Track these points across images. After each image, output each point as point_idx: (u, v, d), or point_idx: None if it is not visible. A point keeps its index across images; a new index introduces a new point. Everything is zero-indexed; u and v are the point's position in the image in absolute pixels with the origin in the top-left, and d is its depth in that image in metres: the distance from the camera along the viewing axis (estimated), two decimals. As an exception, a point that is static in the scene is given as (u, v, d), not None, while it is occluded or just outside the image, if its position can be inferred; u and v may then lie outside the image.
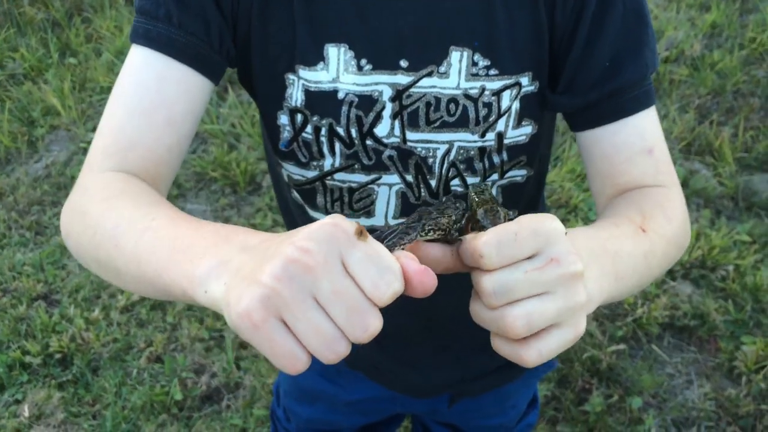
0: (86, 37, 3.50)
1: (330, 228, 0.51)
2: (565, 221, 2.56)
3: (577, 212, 2.59)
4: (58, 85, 3.19)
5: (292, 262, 0.50)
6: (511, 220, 0.58)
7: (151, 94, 0.79)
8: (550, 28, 0.82)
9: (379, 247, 0.52)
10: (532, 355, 0.56)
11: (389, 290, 0.51)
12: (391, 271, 0.51)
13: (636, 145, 0.84)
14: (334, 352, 0.52)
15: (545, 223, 0.56)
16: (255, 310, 0.49)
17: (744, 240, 2.44)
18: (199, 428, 2.03)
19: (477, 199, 0.65)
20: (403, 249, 0.56)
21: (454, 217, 0.60)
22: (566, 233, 0.57)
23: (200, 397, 2.11)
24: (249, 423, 2.03)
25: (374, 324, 0.51)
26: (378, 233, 0.57)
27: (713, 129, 2.87)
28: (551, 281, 0.55)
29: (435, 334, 1.08)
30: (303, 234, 0.51)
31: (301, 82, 0.83)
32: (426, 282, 0.53)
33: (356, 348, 1.14)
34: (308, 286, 0.50)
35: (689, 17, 3.46)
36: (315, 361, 1.35)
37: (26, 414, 2.07)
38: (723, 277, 2.34)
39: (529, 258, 0.55)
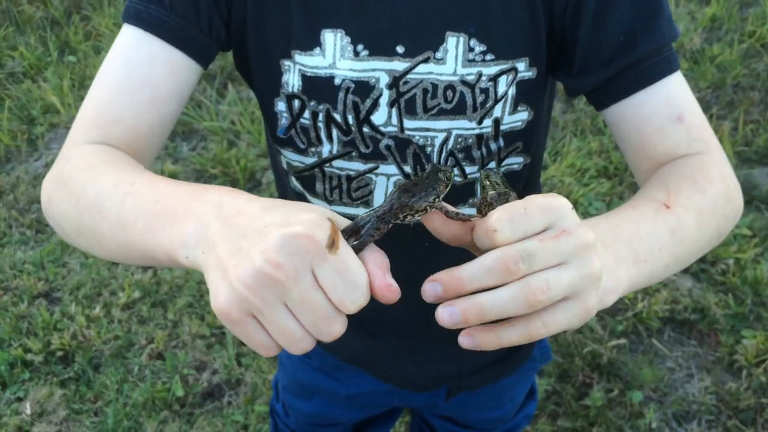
0: (85, 34, 3.50)
1: (303, 241, 0.52)
2: (565, 216, 2.56)
3: (577, 207, 2.59)
4: (58, 83, 3.19)
5: (263, 274, 0.52)
6: (516, 199, 0.60)
7: (140, 73, 0.81)
8: (548, 11, 0.82)
9: (349, 259, 0.54)
10: (537, 326, 0.56)
11: (354, 305, 0.54)
12: (357, 287, 0.54)
13: (663, 112, 0.82)
14: (300, 348, 0.56)
15: (552, 199, 0.57)
16: (230, 310, 0.54)
17: (744, 234, 2.44)
18: (201, 425, 2.04)
19: (488, 183, 0.66)
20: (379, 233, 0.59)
21: (432, 198, 0.60)
22: (572, 209, 0.58)
23: (201, 393, 2.12)
24: (250, 419, 2.04)
25: (338, 329, 0.55)
26: (354, 224, 0.58)
27: (713, 123, 2.87)
28: (566, 251, 0.55)
29: (432, 327, 1.08)
30: (274, 243, 0.52)
31: (297, 67, 0.84)
32: (388, 297, 0.56)
33: (352, 342, 1.14)
34: (278, 295, 0.53)
35: (689, 11, 3.46)
36: (313, 357, 1.34)
37: (28, 411, 2.07)
38: (723, 270, 2.34)
39: (540, 232, 0.56)
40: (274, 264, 0.52)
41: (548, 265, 0.55)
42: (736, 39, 3.24)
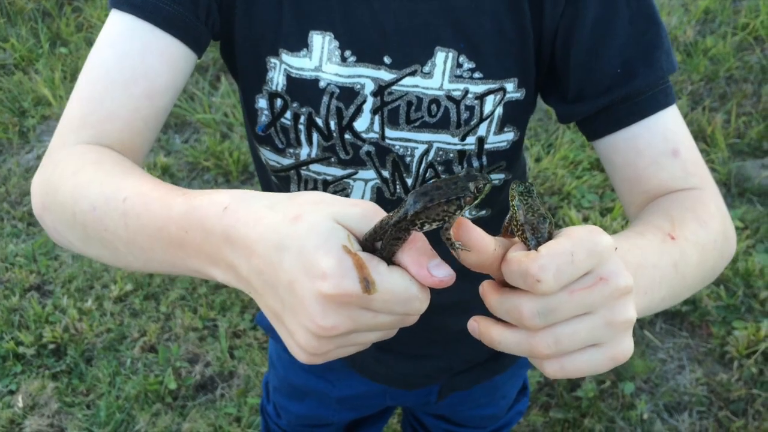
0: (77, 26, 3.48)
1: (341, 300, 0.50)
2: (557, 208, 2.57)
3: (570, 199, 2.59)
4: (49, 75, 3.17)
5: (324, 338, 0.53)
6: (552, 226, 0.56)
7: (133, 65, 0.76)
8: (538, 34, 0.81)
9: (391, 286, 0.52)
10: (553, 367, 0.55)
11: (418, 312, 0.54)
12: (412, 300, 0.53)
13: (659, 146, 0.80)
14: (392, 335, 0.58)
15: (598, 240, 0.53)
16: (315, 361, 0.56)
17: (736, 225, 2.44)
18: (194, 417, 2.03)
19: (522, 204, 0.58)
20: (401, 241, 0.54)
21: (454, 208, 0.54)
22: (616, 248, 0.54)
23: (194, 386, 2.11)
24: (243, 411, 2.04)
25: (415, 319, 0.55)
26: (374, 231, 0.53)
27: (706, 115, 2.87)
28: (595, 301, 0.52)
29: (423, 324, 1.07)
30: (316, 313, 0.51)
31: (283, 67, 0.82)
32: (443, 286, 0.53)
33: None
34: (347, 336, 0.54)
35: (682, 3, 3.45)
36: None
37: (20, 404, 2.07)
38: (715, 262, 2.34)
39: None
40: (328, 329, 0.51)
41: (570, 316, 0.52)
42: (729, 31, 3.24)
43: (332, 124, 0.83)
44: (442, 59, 0.80)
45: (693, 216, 0.74)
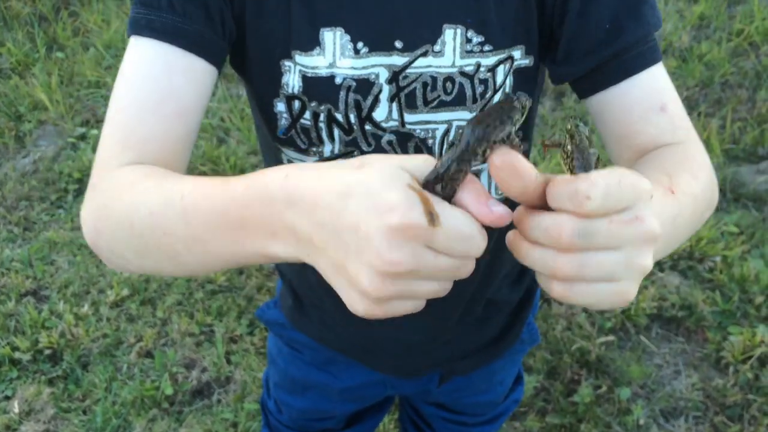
0: (73, 30, 3.48)
1: (407, 233, 0.51)
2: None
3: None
4: (46, 79, 3.17)
5: (386, 276, 0.52)
6: (598, 159, 0.57)
7: (161, 87, 0.77)
8: (540, 2, 0.83)
9: (454, 221, 0.53)
10: (560, 289, 0.56)
11: (478, 252, 0.55)
12: (472, 238, 0.54)
13: (647, 102, 0.82)
14: (446, 291, 0.58)
15: (642, 180, 0.54)
16: (373, 313, 0.55)
17: (731, 231, 2.45)
18: (190, 423, 2.03)
19: (577, 135, 0.60)
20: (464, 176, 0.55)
21: (508, 127, 0.56)
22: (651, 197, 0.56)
23: (191, 391, 2.11)
24: (240, 417, 2.04)
25: (472, 267, 0.56)
26: (435, 171, 0.55)
27: (701, 120, 2.88)
28: (627, 238, 0.54)
29: (424, 312, 1.08)
30: (382, 246, 0.51)
31: (298, 68, 0.83)
32: (502, 224, 0.55)
33: (344, 331, 1.13)
34: (408, 279, 0.54)
35: (677, 9, 3.47)
36: (305, 351, 1.32)
37: (16, 410, 2.07)
38: (710, 268, 2.36)
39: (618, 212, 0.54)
40: (393, 264, 0.51)
41: (602, 246, 0.54)
42: (724, 37, 3.26)
43: (352, 118, 0.85)
44: (451, 36, 0.82)
45: (686, 169, 0.76)
